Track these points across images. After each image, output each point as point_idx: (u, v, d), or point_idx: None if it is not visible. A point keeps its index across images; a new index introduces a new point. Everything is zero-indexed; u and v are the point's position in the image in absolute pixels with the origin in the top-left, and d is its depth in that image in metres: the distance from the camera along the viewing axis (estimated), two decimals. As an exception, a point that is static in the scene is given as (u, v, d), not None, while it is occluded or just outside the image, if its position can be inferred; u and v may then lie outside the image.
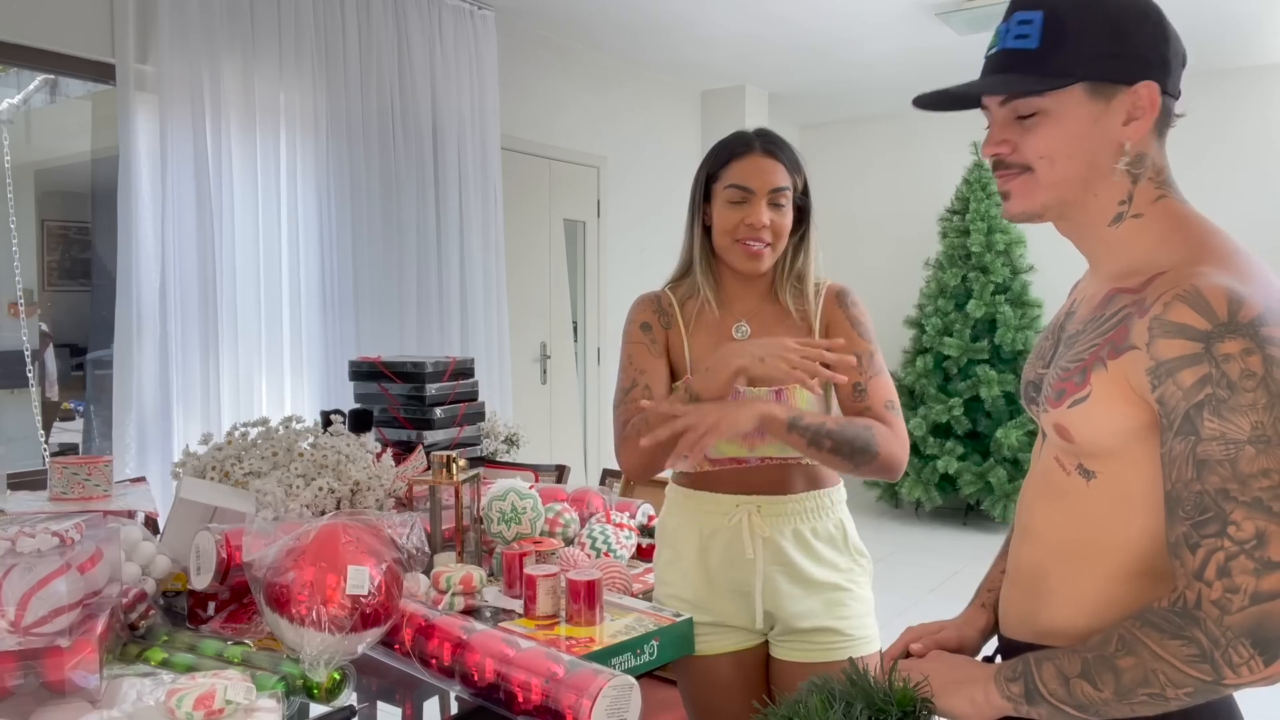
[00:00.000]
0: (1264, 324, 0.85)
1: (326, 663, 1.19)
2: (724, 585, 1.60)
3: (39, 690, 1.12)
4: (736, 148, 1.64)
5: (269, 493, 1.73)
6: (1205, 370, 0.86)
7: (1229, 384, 0.84)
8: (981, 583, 1.25)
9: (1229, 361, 0.85)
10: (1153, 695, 0.86)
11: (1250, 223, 5.49)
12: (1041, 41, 0.97)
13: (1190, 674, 0.84)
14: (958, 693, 1.00)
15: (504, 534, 1.88)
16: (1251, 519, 0.83)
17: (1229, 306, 0.86)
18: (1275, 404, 0.84)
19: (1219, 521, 0.84)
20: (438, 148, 4.01)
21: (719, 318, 1.66)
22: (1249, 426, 0.84)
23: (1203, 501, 0.85)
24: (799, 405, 1.57)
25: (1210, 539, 0.84)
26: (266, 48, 3.39)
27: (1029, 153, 1.00)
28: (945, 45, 5.05)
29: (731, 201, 1.61)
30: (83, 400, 4.36)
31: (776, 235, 1.62)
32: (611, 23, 4.67)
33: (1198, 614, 0.84)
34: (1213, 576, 0.83)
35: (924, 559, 5.16)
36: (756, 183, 1.60)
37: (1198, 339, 0.86)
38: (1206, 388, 0.85)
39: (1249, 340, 0.85)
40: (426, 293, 3.97)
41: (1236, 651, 0.83)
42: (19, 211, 3.78)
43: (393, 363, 2.55)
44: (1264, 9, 4.56)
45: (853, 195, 6.82)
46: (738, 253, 1.62)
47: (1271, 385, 0.84)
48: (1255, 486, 0.83)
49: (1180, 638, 0.84)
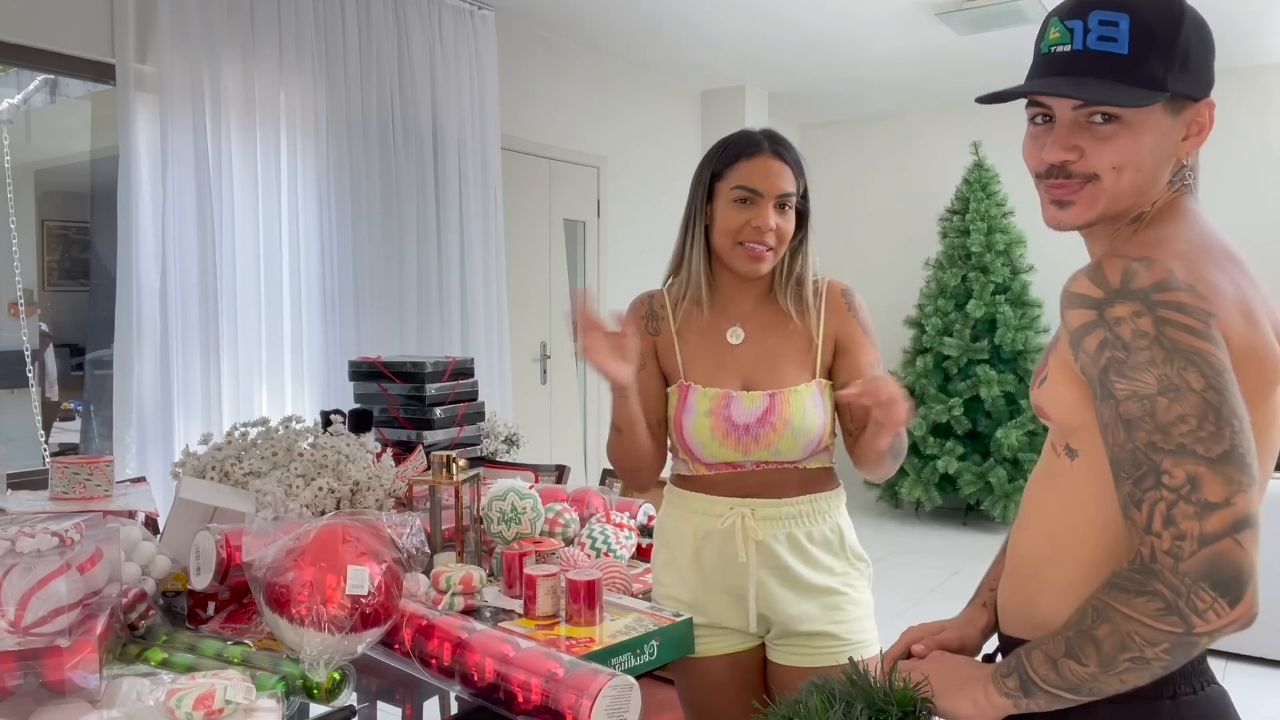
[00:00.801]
0: (1158, 290, 0.88)
1: (326, 663, 1.19)
2: (718, 587, 1.59)
3: (39, 690, 1.12)
4: (745, 147, 1.60)
5: (269, 493, 1.73)
6: (1102, 335, 0.89)
7: (1123, 345, 0.88)
8: (981, 582, 1.25)
9: (1120, 324, 0.88)
10: (1134, 660, 0.86)
11: (1250, 222, 5.49)
12: (1131, 47, 0.93)
13: (1161, 629, 0.84)
14: (959, 694, 1.00)
15: (504, 534, 1.88)
16: (1180, 465, 0.84)
17: (1123, 277, 0.90)
18: (1173, 358, 0.86)
19: (1154, 474, 0.85)
20: (438, 147, 4.00)
21: (713, 320, 1.64)
22: (1154, 380, 0.86)
23: (1136, 458, 0.87)
24: (794, 405, 1.56)
25: (1150, 492, 0.85)
26: (266, 47, 3.39)
27: (1099, 162, 0.96)
28: (945, 45, 5.05)
29: (737, 201, 1.58)
30: (83, 400, 4.36)
31: (780, 239, 1.59)
32: (611, 23, 4.67)
33: (1154, 567, 0.84)
34: (1160, 527, 0.84)
35: (924, 559, 5.16)
36: (765, 185, 1.57)
37: (1092, 306, 0.90)
38: (1106, 351, 0.89)
39: (1138, 304, 0.88)
40: (426, 293, 3.97)
41: (1199, 597, 0.83)
42: (19, 211, 3.78)
43: (393, 363, 2.55)
44: (1264, 9, 4.56)
45: (853, 195, 6.82)
46: (739, 256, 1.59)
47: (1165, 342, 0.86)
48: (1176, 434, 0.85)
49: (1144, 594, 0.85)
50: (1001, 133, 5.88)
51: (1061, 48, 0.97)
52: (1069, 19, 0.97)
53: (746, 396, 1.57)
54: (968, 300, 5.81)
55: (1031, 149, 1.03)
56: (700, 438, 1.57)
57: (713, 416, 1.56)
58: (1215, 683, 0.99)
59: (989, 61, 5.34)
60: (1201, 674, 0.98)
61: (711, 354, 1.62)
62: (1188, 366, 0.85)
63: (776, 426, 1.55)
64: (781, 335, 1.63)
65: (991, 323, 5.78)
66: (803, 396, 1.57)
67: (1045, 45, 0.99)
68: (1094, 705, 0.94)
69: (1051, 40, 0.99)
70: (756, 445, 1.56)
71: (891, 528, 5.85)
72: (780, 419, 1.55)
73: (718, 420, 1.56)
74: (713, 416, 1.56)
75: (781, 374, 1.59)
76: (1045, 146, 0.99)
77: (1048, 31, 1.00)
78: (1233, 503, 0.82)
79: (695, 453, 1.59)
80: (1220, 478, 0.83)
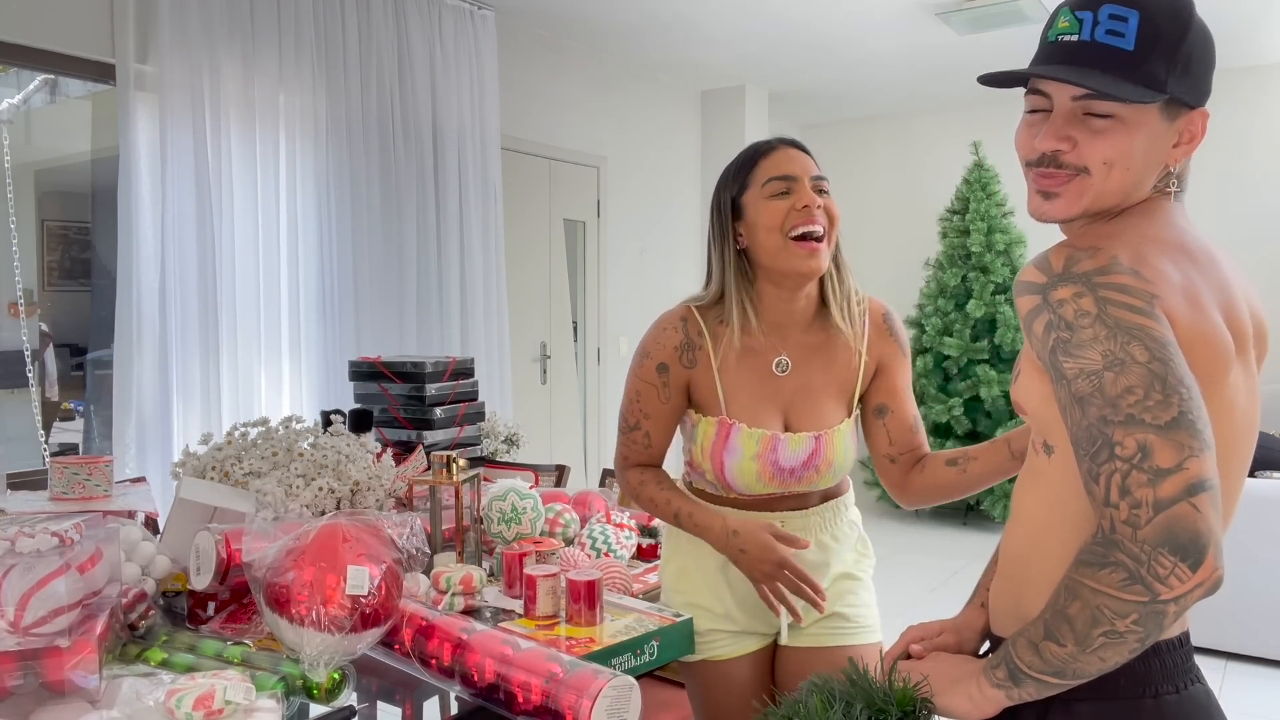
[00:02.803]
0: (1100, 274, 0.90)
1: (326, 663, 1.19)
2: (749, 598, 1.59)
3: (38, 690, 1.12)
4: (760, 148, 1.55)
5: (269, 493, 1.73)
6: (1047, 317, 0.91)
7: (1066, 324, 0.90)
8: (978, 583, 1.25)
9: (1063, 306, 0.90)
10: (1108, 635, 0.86)
11: (1249, 222, 5.49)
12: (1137, 45, 0.94)
13: (1128, 599, 0.84)
14: (955, 690, 1.01)
15: (504, 534, 1.88)
16: (1130, 434, 0.85)
17: (1066, 262, 0.92)
18: (1116, 334, 0.87)
19: (1107, 447, 0.86)
20: (438, 148, 4.00)
21: (756, 348, 1.56)
22: (1100, 356, 0.88)
23: (1091, 434, 0.88)
24: (838, 446, 1.56)
25: (1105, 464, 0.86)
26: (266, 47, 3.39)
27: (1091, 156, 0.97)
28: (945, 45, 5.05)
29: (773, 196, 1.50)
30: (83, 400, 4.36)
31: (830, 221, 1.52)
32: (611, 23, 4.67)
33: (1115, 537, 0.85)
34: (1116, 498, 0.85)
35: (924, 559, 5.16)
36: (796, 168, 1.51)
37: (1037, 291, 0.93)
38: (1052, 333, 0.91)
39: (1079, 285, 0.90)
40: (426, 293, 3.97)
41: (1159, 563, 0.82)
42: (19, 211, 3.78)
43: (393, 363, 2.55)
44: (1264, 9, 4.56)
45: (853, 195, 6.81)
46: (793, 253, 1.49)
47: (1107, 319, 0.88)
48: (1124, 405, 0.86)
49: (1107, 565, 0.85)
50: (1001, 133, 5.88)
51: (1069, 37, 0.97)
52: (1080, 10, 0.97)
53: (793, 440, 1.54)
54: (968, 300, 5.81)
55: (1025, 136, 1.03)
56: (745, 479, 1.55)
57: (760, 460, 1.53)
58: (1200, 682, 0.99)
59: (989, 61, 5.34)
60: (1185, 673, 0.97)
61: (754, 386, 1.56)
62: (1130, 340, 0.87)
63: (820, 469, 1.57)
64: (824, 363, 1.58)
65: (991, 323, 5.78)
66: (844, 436, 1.58)
67: (1053, 34, 0.99)
68: (1076, 705, 0.95)
69: (1060, 29, 0.99)
70: (799, 483, 1.57)
71: (891, 528, 5.85)
72: (824, 461, 1.56)
73: (765, 464, 1.54)
74: (760, 460, 1.53)
75: (823, 410, 1.57)
76: (1039, 135, 1.00)
77: (1057, 20, 1.00)
78: (1185, 467, 0.83)
79: (734, 487, 1.57)
80: (1171, 443, 0.83)
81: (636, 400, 1.59)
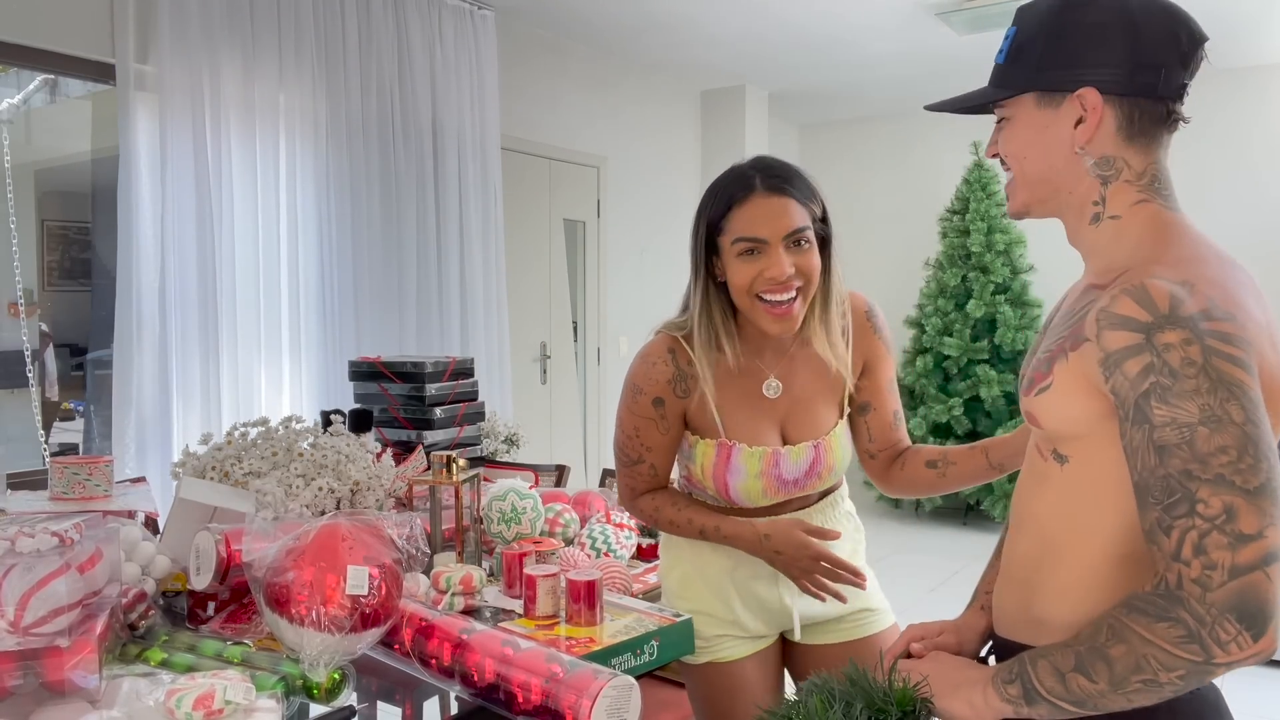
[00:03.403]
0: (1205, 319, 0.89)
1: (326, 663, 1.19)
2: (755, 602, 1.59)
3: (38, 690, 1.12)
4: (736, 191, 1.45)
5: (269, 493, 1.73)
6: (1148, 359, 0.89)
7: (1171, 371, 0.87)
8: (978, 585, 1.25)
9: (1169, 351, 0.88)
10: (1146, 682, 0.87)
11: (1249, 223, 5.49)
12: (1006, 56, 1.06)
13: (1181, 655, 0.84)
14: (955, 695, 1.01)
15: (504, 534, 1.88)
16: (1217, 495, 0.84)
17: (1170, 302, 0.90)
18: (1217, 388, 0.86)
19: (1187, 501, 0.85)
20: (438, 148, 4.00)
21: (744, 371, 1.55)
22: (1197, 409, 0.86)
23: (1169, 485, 0.87)
24: (836, 450, 1.57)
25: (1182, 519, 0.85)
26: (266, 47, 3.39)
27: (1005, 152, 1.09)
28: (945, 45, 5.05)
29: (743, 254, 1.43)
30: (83, 400, 4.37)
31: (806, 280, 1.45)
32: (611, 22, 4.67)
33: (1180, 594, 0.84)
34: (1189, 555, 0.85)
35: (924, 559, 5.16)
36: (768, 230, 1.42)
37: (1139, 330, 0.90)
38: (1150, 376, 0.88)
39: (1188, 331, 0.88)
40: (426, 293, 3.97)
41: (1223, 628, 0.83)
42: (19, 211, 3.78)
43: (392, 363, 2.55)
44: (1264, 9, 4.56)
45: (853, 195, 6.81)
46: (762, 315, 1.45)
47: (1211, 372, 0.86)
48: (1215, 464, 0.85)
49: (1167, 619, 0.85)
50: (1001, 133, 5.87)
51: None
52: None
53: (794, 452, 1.54)
54: (968, 300, 5.81)
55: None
56: (750, 495, 1.55)
57: (764, 478, 1.54)
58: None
59: (989, 61, 5.32)
60: None
61: (749, 406, 1.55)
62: (1229, 398, 0.86)
63: (822, 474, 1.58)
64: (812, 373, 1.57)
65: (991, 323, 5.78)
66: (840, 438, 1.59)
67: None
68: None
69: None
70: (801, 490, 1.58)
71: (891, 528, 5.85)
72: (825, 466, 1.57)
73: (769, 480, 1.54)
74: (764, 478, 1.54)
75: (818, 419, 1.57)
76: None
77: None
78: (1265, 535, 0.83)
79: (738, 503, 1.57)
80: (1256, 509, 0.83)
81: (636, 436, 1.56)
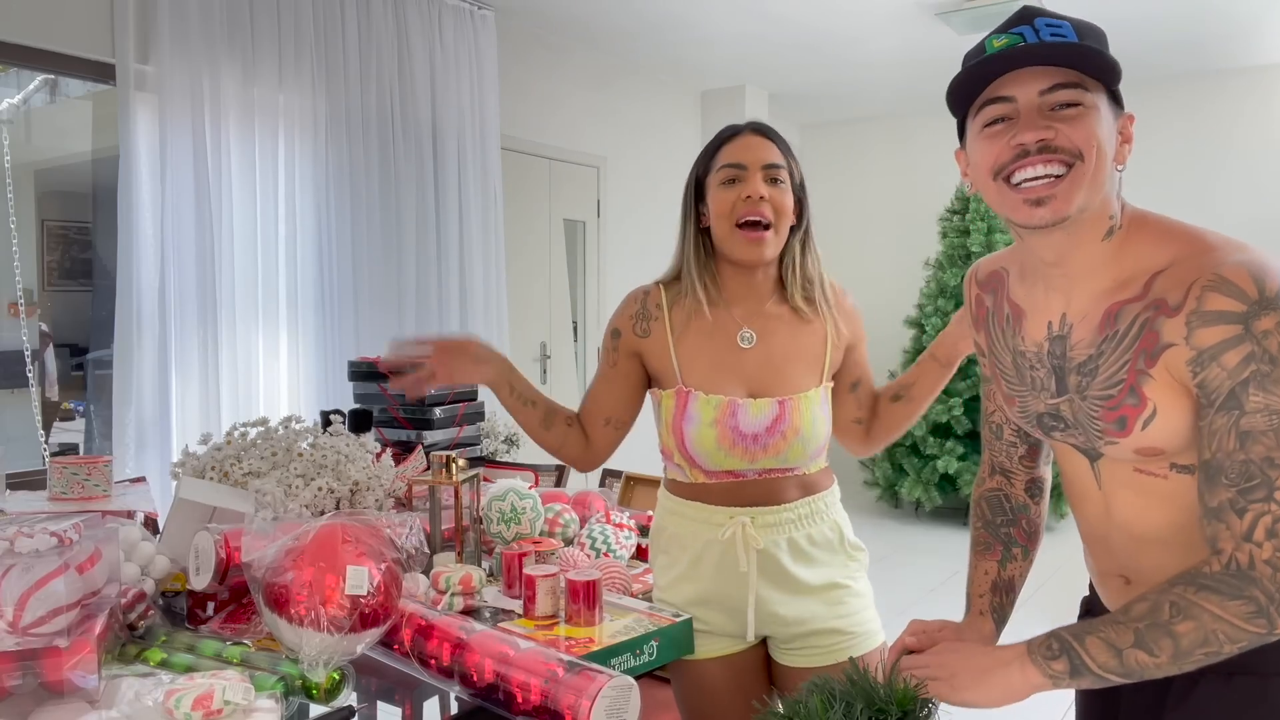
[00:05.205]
0: None
1: (325, 663, 1.19)
2: (716, 597, 1.56)
3: (37, 690, 1.12)
4: (725, 134, 1.59)
5: (268, 493, 1.73)
6: (1249, 349, 0.90)
7: (1270, 358, 0.89)
8: (969, 593, 1.24)
9: (1268, 337, 0.90)
10: (1209, 653, 0.91)
11: (1250, 222, 5.49)
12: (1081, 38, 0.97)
13: (1249, 629, 0.89)
14: (986, 680, 1.00)
15: (503, 534, 1.88)
16: None
17: (1255, 283, 0.90)
18: None
19: (1266, 487, 0.89)
20: (437, 148, 4.00)
21: (717, 322, 1.57)
22: None
23: (1248, 469, 0.89)
24: (805, 413, 1.54)
25: (1258, 503, 0.89)
26: (266, 47, 3.39)
27: (1079, 140, 0.95)
28: (945, 45, 5.05)
29: (725, 181, 1.54)
30: (83, 400, 4.37)
31: (778, 213, 1.52)
32: (611, 23, 4.67)
33: (1252, 574, 0.89)
34: (1262, 538, 0.88)
35: (924, 559, 5.16)
36: (748, 157, 1.53)
37: (1236, 321, 0.91)
38: (1251, 365, 0.90)
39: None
40: (426, 293, 3.97)
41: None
42: (19, 211, 3.78)
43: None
44: (1264, 9, 4.55)
45: (853, 195, 6.82)
46: (738, 241, 1.52)
47: None
48: None
49: (1240, 598, 0.89)
50: (1002, 133, 5.87)
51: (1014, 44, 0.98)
52: (1014, 28, 0.99)
53: (754, 405, 1.52)
54: (968, 300, 5.81)
55: (990, 147, 1.00)
56: (705, 447, 1.52)
57: (718, 426, 1.51)
58: None
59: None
60: None
61: (713, 357, 1.56)
62: None
63: (786, 435, 1.52)
64: (790, 336, 1.58)
65: (992, 323, 5.77)
66: (812, 403, 1.55)
67: (989, 50, 0.99)
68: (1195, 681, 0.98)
69: (997, 47, 0.98)
70: (764, 454, 1.52)
71: (891, 528, 5.85)
72: (790, 427, 1.52)
73: (724, 430, 1.51)
74: (718, 426, 1.51)
75: (790, 378, 1.55)
76: (1015, 133, 0.98)
77: (989, 44, 1.00)
78: None
79: (697, 460, 1.54)
80: None
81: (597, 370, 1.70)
